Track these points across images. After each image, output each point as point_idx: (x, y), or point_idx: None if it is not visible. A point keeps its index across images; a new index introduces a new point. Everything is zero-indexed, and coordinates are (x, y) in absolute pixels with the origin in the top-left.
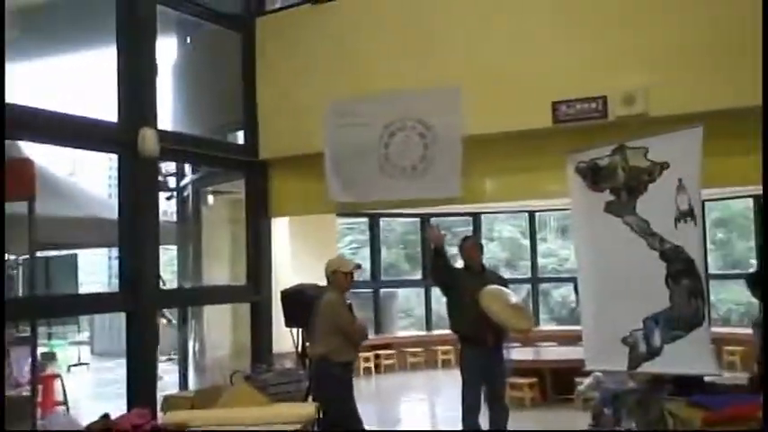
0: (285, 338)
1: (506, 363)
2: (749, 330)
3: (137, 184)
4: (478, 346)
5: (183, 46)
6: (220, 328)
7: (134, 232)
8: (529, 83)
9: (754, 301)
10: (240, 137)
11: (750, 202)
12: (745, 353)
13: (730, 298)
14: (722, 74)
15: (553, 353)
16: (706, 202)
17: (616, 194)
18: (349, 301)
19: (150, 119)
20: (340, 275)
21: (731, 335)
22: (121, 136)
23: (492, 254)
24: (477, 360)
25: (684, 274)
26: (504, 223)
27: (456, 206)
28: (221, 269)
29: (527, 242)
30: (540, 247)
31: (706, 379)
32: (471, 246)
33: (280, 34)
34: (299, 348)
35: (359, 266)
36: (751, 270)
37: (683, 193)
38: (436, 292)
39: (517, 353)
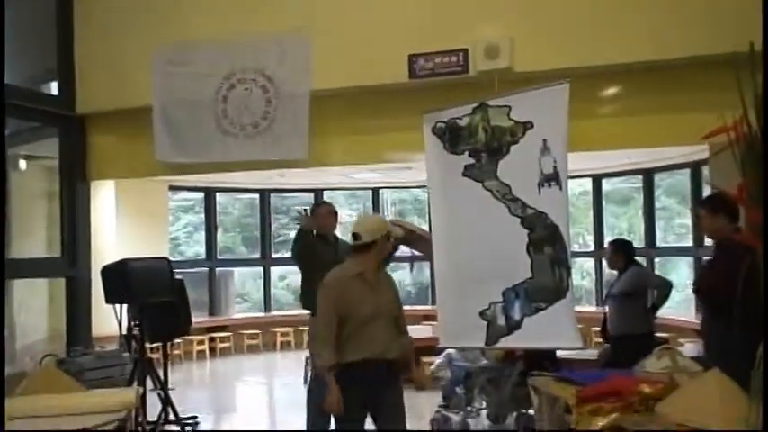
0: (110, 320)
1: None
2: (592, 308)
3: None
4: None
5: None
6: (34, 309)
7: None
8: (383, 33)
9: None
10: (54, 88)
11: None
12: (585, 330)
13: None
14: (595, 29)
15: None
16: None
17: (476, 157)
18: None
19: None
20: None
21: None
22: None
23: None
24: None
25: (547, 241)
26: (342, 206)
27: (297, 181)
28: (36, 244)
29: None
30: None
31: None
32: (327, 212)
33: None
34: (124, 329)
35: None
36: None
37: (547, 155)
38: (276, 272)
39: None
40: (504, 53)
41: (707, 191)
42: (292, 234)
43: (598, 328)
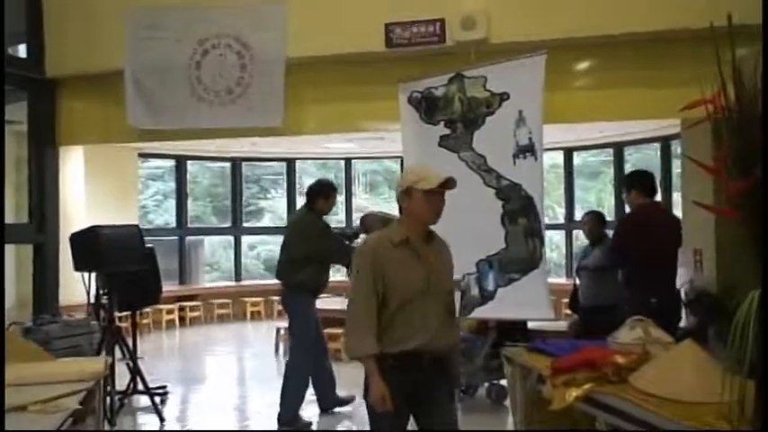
0: (78, 288)
1: None
2: (561, 279)
3: None
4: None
5: None
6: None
7: None
8: (360, 1)
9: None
10: (22, 50)
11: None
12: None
13: None
14: (572, 1)
15: None
16: (625, 147)
17: (452, 128)
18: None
19: None
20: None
21: None
22: None
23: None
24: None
25: (522, 212)
26: (313, 177)
27: (270, 150)
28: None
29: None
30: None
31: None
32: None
33: None
34: (92, 297)
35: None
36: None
37: (522, 127)
38: (247, 240)
39: (328, 303)
40: (481, 24)
41: (677, 165)
42: (262, 203)
43: (567, 300)
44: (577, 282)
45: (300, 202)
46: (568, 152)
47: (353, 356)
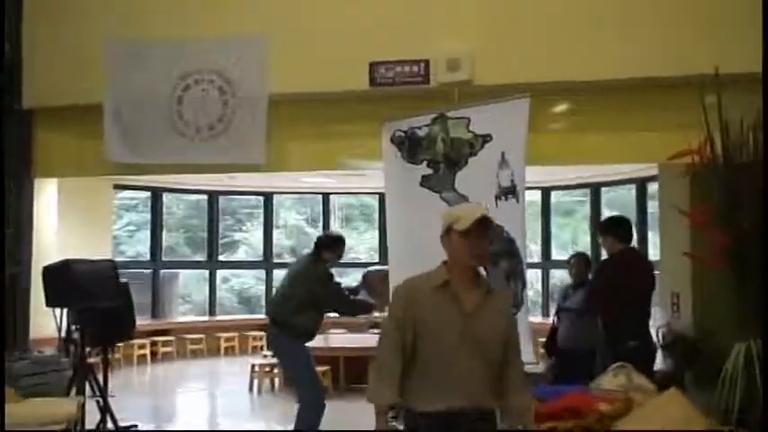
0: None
1: None
2: (537, 318)
3: None
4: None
5: None
6: None
7: None
8: (345, 39)
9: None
10: None
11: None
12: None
13: None
14: (556, 46)
15: (344, 340)
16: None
17: (434, 168)
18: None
19: None
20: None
21: None
22: None
23: (276, 241)
24: None
25: (504, 255)
26: (290, 210)
27: (247, 183)
28: None
29: (312, 230)
30: None
31: None
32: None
33: None
34: (63, 332)
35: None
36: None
37: (505, 169)
38: (221, 273)
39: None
40: (466, 66)
41: (652, 206)
42: (237, 236)
43: (543, 339)
44: (556, 323)
45: (277, 235)
46: (546, 191)
47: (369, 401)
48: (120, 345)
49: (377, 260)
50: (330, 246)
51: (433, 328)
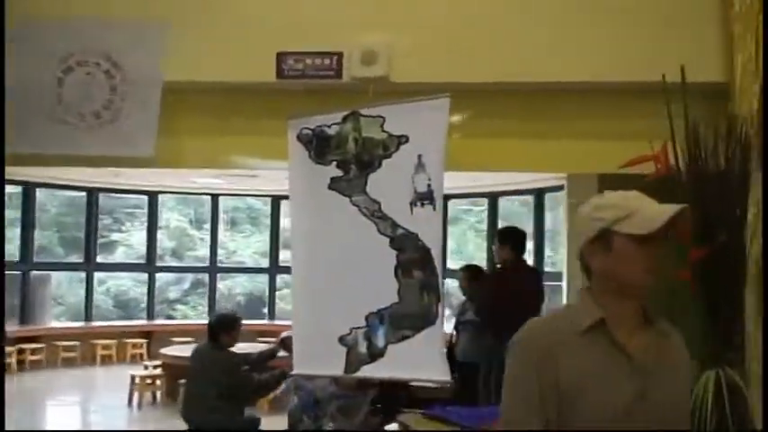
0: None
1: None
2: None
3: None
4: None
5: None
6: None
7: None
8: (251, 26)
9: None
10: None
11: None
12: None
13: None
14: (481, 45)
15: None
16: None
17: (344, 169)
18: None
19: None
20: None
21: None
22: None
23: (159, 242)
24: None
25: (417, 265)
26: (172, 211)
27: (131, 182)
28: None
29: (195, 232)
30: (207, 238)
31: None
32: None
33: None
34: None
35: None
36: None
37: (421, 173)
38: (97, 277)
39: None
40: (382, 60)
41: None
42: (114, 236)
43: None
44: (454, 338)
45: (159, 236)
46: (443, 200)
47: None
48: None
49: (265, 266)
50: (225, 329)
51: (589, 394)
